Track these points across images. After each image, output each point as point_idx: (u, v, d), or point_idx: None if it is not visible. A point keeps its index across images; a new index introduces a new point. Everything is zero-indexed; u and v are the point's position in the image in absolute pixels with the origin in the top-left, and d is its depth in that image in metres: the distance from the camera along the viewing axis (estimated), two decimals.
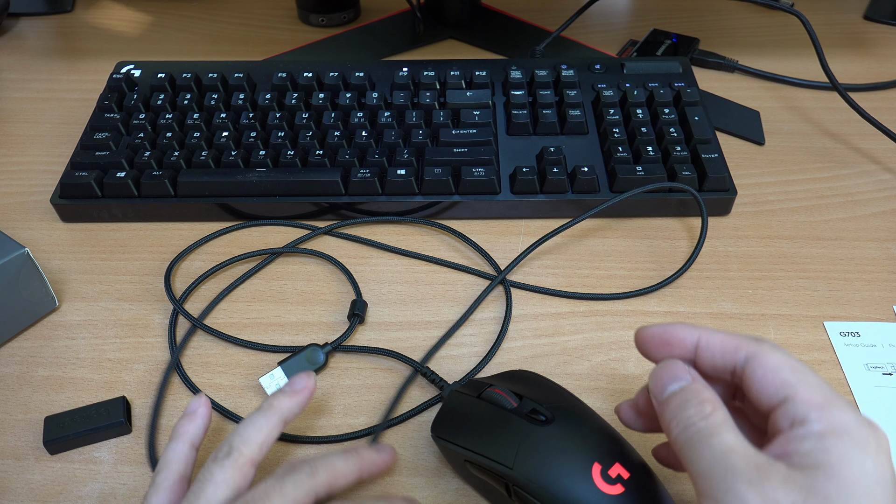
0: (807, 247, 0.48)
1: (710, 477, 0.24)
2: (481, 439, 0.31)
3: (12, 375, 0.41)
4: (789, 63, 0.64)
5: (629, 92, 0.54)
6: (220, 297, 0.44)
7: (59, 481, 0.36)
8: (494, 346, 0.42)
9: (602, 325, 0.43)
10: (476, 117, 0.51)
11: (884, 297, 0.44)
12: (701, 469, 0.25)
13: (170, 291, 0.44)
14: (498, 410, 0.32)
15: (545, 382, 0.35)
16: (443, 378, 0.39)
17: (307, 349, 0.40)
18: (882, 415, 0.38)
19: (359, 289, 0.45)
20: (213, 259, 0.47)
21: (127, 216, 0.49)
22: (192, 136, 0.50)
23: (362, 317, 0.43)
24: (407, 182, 0.48)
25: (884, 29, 0.70)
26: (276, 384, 0.39)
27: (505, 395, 0.32)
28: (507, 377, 0.35)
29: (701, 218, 0.47)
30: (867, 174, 0.53)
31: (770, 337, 0.42)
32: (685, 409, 0.26)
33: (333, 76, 0.54)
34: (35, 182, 0.53)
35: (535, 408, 0.31)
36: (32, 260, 0.41)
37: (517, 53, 0.66)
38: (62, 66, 0.66)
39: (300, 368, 0.40)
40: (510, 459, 0.30)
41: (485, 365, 0.41)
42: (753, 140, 0.56)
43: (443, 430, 0.34)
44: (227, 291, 0.45)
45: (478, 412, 0.33)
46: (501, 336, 0.42)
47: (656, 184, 0.46)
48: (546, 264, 0.47)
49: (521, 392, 0.33)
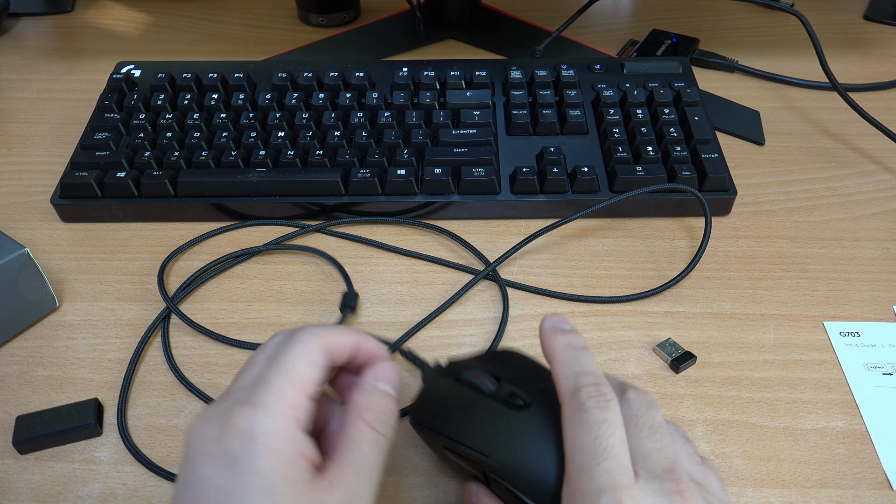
0: (807, 247, 0.48)
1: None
2: (458, 425, 0.30)
3: (12, 375, 0.41)
4: (789, 63, 0.64)
5: (629, 92, 0.54)
6: (190, 288, 0.44)
7: (59, 481, 0.36)
8: (492, 345, 0.42)
9: (602, 326, 0.43)
10: (476, 117, 0.51)
11: (884, 297, 0.44)
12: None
13: (163, 290, 0.44)
14: (475, 395, 0.31)
15: (528, 363, 0.34)
16: (423, 359, 0.36)
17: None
18: (882, 415, 0.38)
19: (350, 281, 0.45)
20: (212, 258, 0.47)
21: (127, 216, 0.49)
22: (192, 136, 0.50)
23: (353, 307, 0.42)
24: (407, 182, 0.48)
25: (884, 29, 0.70)
26: None
27: (482, 379, 0.31)
28: (490, 358, 0.34)
29: (704, 219, 0.47)
30: (867, 174, 0.53)
31: (770, 337, 0.42)
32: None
33: (333, 76, 0.54)
34: (35, 182, 0.53)
35: (513, 391, 0.30)
36: (32, 260, 0.41)
37: (517, 53, 0.66)
38: (62, 66, 0.66)
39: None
40: (487, 447, 0.29)
41: None
42: (753, 140, 0.56)
43: (421, 415, 0.32)
44: (194, 286, 0.45)
45: (455, 396, 0.31)
46: (499, 335, 0.42)
47: (658, 185, 0.46)
48: (546, 264, 0.47)
49: (502, 374, 0.32)
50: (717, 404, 0.39)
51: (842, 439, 0.37)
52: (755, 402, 0.39)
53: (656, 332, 0.42)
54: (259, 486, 0.24)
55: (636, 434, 0.27)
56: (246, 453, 0.24)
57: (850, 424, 0.38)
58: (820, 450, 0.37)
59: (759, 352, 0.41)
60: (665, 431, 0.28)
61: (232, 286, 0.45)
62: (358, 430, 0.28)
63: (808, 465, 0.36)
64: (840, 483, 0.36)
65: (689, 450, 0.29)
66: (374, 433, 0.28)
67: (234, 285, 0.45)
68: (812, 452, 0.37)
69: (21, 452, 0.37)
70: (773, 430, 0.38)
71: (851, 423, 0.38)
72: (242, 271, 0.46)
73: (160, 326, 0.43)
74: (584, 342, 0.30)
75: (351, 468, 0.27)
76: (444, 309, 0.43)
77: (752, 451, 0.37)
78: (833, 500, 0.35)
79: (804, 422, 0.38)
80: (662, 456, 0.27)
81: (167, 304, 0.43)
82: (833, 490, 0.35)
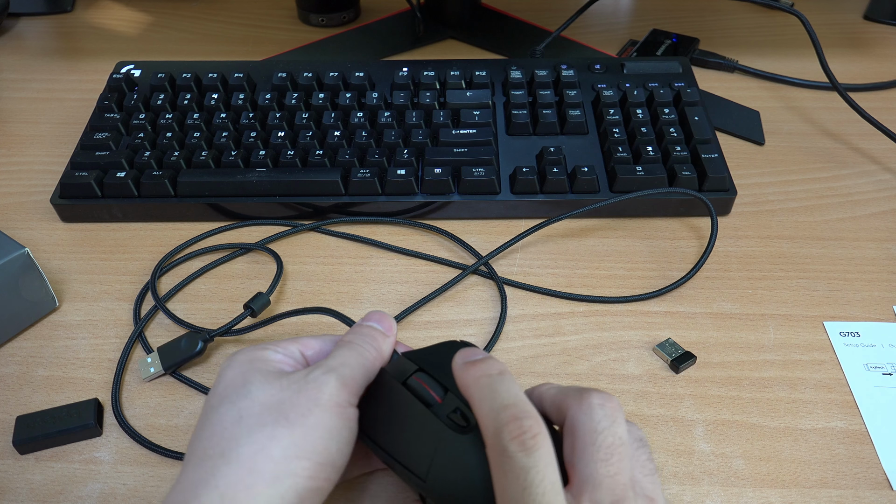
0: (807, 247, 0.48)
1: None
2: (397, 440, 0.28)
3: (12, 375, 0.41)
4: (789, 63, 0.64)
5: (629, 92, 0.54)
6: (179, 286, 0.44)
7: (59, 481, 0.36)
8: (489, 344, 0.42)
9: (602, 326, 0.43)
10: (476, 117, 0.51)
11: (884, 297, 0.44)
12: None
13: (154, 289, 0.44)
14: (418, 406, 0.28)
15: None
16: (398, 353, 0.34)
17: (184, 336, 0.41)
18: (882, 415, 0.38)
19: (276, 286, 0.44)
20: (209, 258, 0.47)
21: (127, 216, 0.49)
22: (192, 136, 0.50)
23: (255, 311, 0.41)
24: (407, 182, 0.48)
25: (884, 29, 0.70)
26: (150, 368, 0.40)
27: (428, 389, 0.28)
28: (441, 352, 0.30)
29: (711, 223, 0.46)
30: (867, 174, 0.53)
31: (770, 337, 0.42)
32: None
33: (333, 76, 0.54)
34: (35, 182, 0.53)
35: (458, 407, 0.28)
36: (32, 260, 0.41)
37: (517, 53, 0.66)
38: (62, 66, 0.66)
39: (174, 354, 0.40)
40: (423, 470, 0.27)
41: None
42: (753, 140, 0.56)
43: (367, 419, 0.30)
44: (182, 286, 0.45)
45: (398, 404, 0.29)
46: (496, 334, 0.42)
47: (662, 189, 0.46)
48: (546, 264, 0.47)
49: (452, 382, 0.29)
50: (717, 404, 0.39)
51: (842, 439, 0.37)
52: (755, 402, 0.39)
53: (656, 332, 0.42)
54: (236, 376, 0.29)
55: (591, 456, 0.26)
56: (223, 368, 0.30)
57: (850, 424, 0.38)
58: (820, 450, 0.37)
59: (759, 352, 0.41)
60: (624, 451, 0.26)
61: (212, 286, 0.45)
62: (337, 346, 0.31)
63: (808, 465, 0.36)
64: (840, 483, 0.36)
65: (643, 456, 0.28)
66: (352, 346, 0.30)
67: (213, 285, 0.45)
68: (812, 452, 0.37)
69: (21, 452, 0.37)
70: (773, 430, 0.38)
71: (851, 423, 0.38)
72: (237, 271, 0.46)
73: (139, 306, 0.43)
74: (499, 367, 0.28)
75: (320, 367, 0.29)
76: (428, 301, 0.44)
77: (752, 451, 0.37)
78: (833, 500, 0.35)
79: (804, 422, 0.38)
80: (614, 483, 0.25)
81: (156, 302, 0.43)
82: (833, 490, 0.35)
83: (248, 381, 0.29)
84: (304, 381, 0.28)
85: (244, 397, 0.28)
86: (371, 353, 0.31)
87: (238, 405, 0.28)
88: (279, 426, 0.27)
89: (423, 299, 0.44)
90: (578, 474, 0.26)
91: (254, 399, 0.28)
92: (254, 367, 0.29)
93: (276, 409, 0.27)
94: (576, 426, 0.27)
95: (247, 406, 0.28)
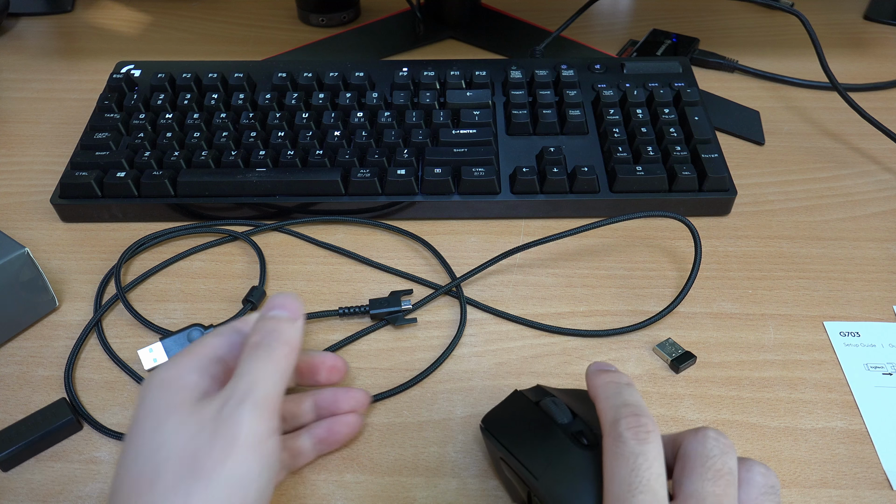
0: (807, 247, 0.48)
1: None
2: (521, 442, 0.31)
3: (12, 375, 0.41)
4: (789, 63, 0.64)
5: (629, 92, 0.54)
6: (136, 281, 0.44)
7: (59, 481, 0.36)
8: (446, 351, 0.42)
9: (602, 326, 0.43)
10: (476, 117, 0.51)
11: (884, 297, 0.45)
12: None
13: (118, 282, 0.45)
14: (547, 420, 0.32)
15: None
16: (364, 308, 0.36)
17: (188, 329, 0.41)
18: (882, 415, 0.38)
19: (265, 278, 0.45)
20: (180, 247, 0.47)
21: (127, 216, 0.49)
22: (192, 136, 0.50)
23: (255, 304, 0.43)
24: (407, 182, 0.48)
25: (884, 29, 0.70)
26: (153, 359, 0.40)
27: (559, 409, 0.32)
28: (577, 395, 0.34)
29: (694, 246, 0.46)
30: (867, 174, 0.53)
31: (770, 337, 0.42)
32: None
33: (333, 76, 0.54)
34: (35, 182, 0.53)
35: (583, 430, 0.31)
36: (32, 260, 0.41)
37: (517, 53, 0.66)
38: (62, 66, 0.66)
39: (180, 346, 0.40)
40: (539, 470, 0.30)
41: (483, 363, 0.41)
42: (753, 140, 0.56)
43: (492, 423, 0.34)
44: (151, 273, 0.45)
45: (528, 416, 0.33)
46: (454, 341, 0.42)
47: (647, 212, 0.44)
48: (546, 264, 0.47)
49: (581, 412, 0.32)
50: (717, 404, 0.39)
51: (842, 439, 0.37)
52: (755, 402, 0.39)
53: (656, 332, 0.42)
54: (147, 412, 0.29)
55: (699, 475, 0.27)
56: (138, 399, 0.29)
57: (850, 424, 0.38)
58: (820, 450, 0.37)
59: (759, 352, 0.41)
60: (730, 480, 0.27)
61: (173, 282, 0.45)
62: (244, 352, 0.30)
63: (808, 465, 0.36)
64: (840, 483, 0.36)
65: (768, 502, 0.28)
66: (260, 350, 0.29)
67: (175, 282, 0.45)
68: (812, 452, 0.37)
69: (4, 469, 0.36)
70: (773, 430, 0.38)
71: (851, 423, 0.38)
72: (234, 271, 0.46)
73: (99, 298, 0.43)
74: (627, 379, 0.30)
75: (233, 396, 0.28)
76: (419, 307, 0.43)
77: (752, 451, 0.37)
78: (833, 500, 0.35)
79: (804, 422, 0.38)
80: (716, 502, 0.26)
81: (118, 293, 0.44)
82: (833, 490, 0.35)
83: (162, 422, 0.28)
84: (219, 420, 0.27)
85: (160, 447, 0.27)
86: (282, 351, 0.30)
87: (154, 459, 0.27)
88: (195, 481, 0.26)
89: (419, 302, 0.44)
90: (684, 490, 0.27)
91: (170, 449, 0.27)
92: (168, 403, 0.28)
93: (192, 460, 0.26)
94: (688, 452, 0.28)
95: (163, 459, 0.27)
